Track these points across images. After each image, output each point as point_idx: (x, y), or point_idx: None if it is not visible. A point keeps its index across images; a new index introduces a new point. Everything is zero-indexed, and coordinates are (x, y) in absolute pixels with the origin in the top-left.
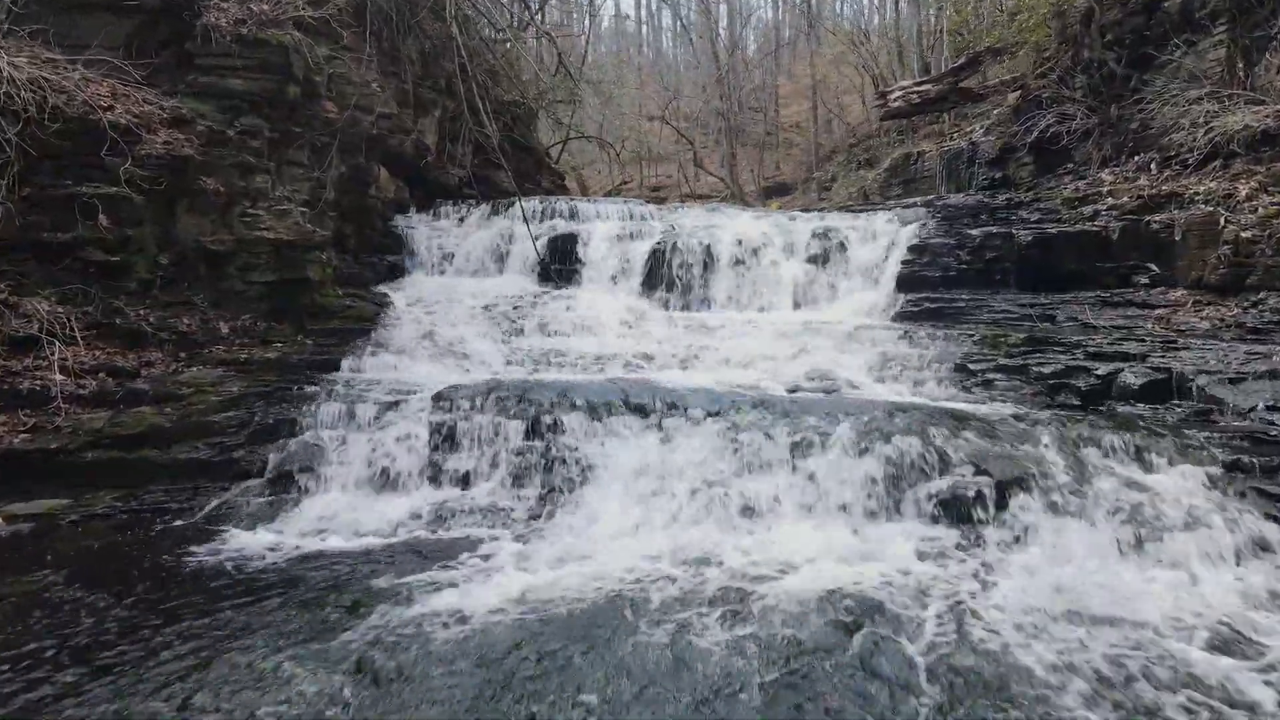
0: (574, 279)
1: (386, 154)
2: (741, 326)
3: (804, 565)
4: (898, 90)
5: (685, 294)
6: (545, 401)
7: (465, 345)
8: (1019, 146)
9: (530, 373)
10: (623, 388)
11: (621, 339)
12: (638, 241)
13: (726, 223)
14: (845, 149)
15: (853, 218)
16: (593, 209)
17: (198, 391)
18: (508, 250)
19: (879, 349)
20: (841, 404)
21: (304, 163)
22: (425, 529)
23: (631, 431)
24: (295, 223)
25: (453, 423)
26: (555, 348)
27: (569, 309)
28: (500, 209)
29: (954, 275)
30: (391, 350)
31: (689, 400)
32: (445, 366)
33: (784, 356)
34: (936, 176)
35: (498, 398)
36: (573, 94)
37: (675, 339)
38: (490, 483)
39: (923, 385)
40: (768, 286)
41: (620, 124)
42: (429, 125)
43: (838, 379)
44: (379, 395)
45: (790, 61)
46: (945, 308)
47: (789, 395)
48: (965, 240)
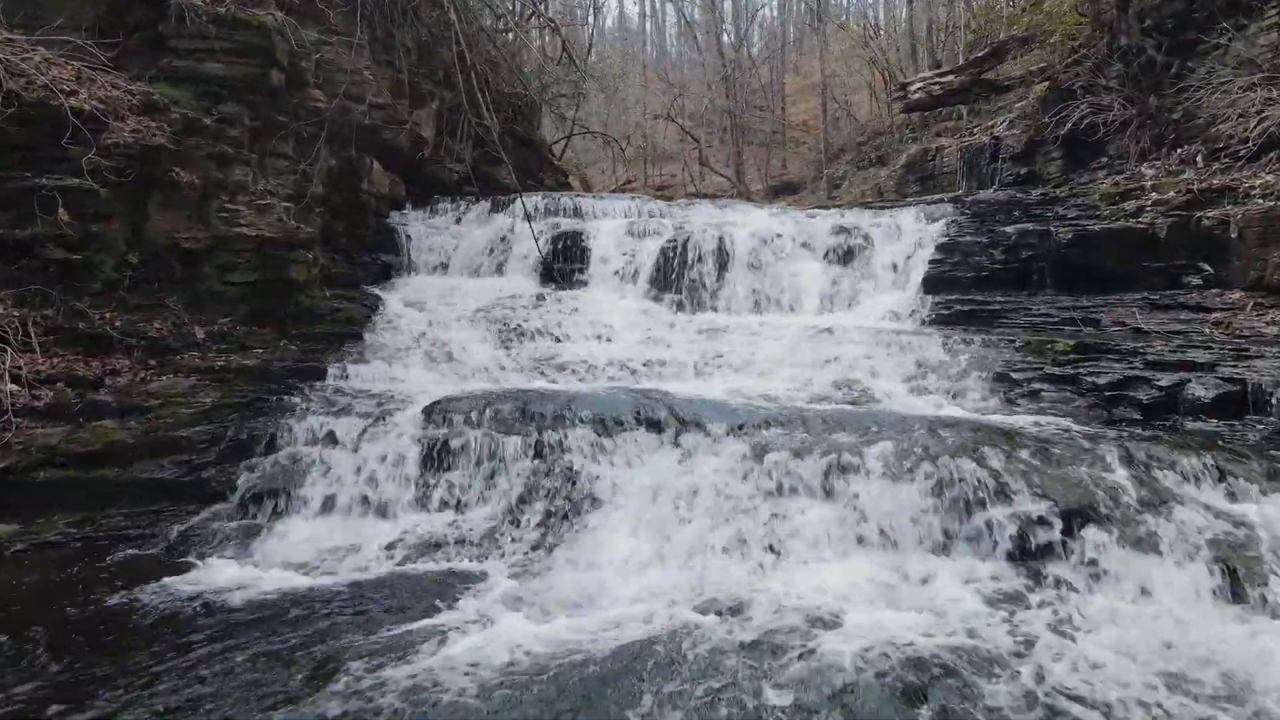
0: (579, 280)
1: (380, 147)
2: (759, 330)
3: (848, 613)
4: (918, 82)
5: (698, 295)
6: (547, 415)
7: (462, 351)
8: (1046, 140)
9: (531, 381)
10: (633, 399)
11: (630, 344)
12: (647, 240)
13: (741, 220)
14: (854, 147)
15: (875, 215)
16: (599, 205)
17: (166, 403)
18: (508, 249)
19: (911, 355)
20: (877, 418)
21: (289, 155)
22: (412, 561)
23: (643, 450)
24: (278, 219)
25: (445, 440)
26: (558, 354)
27: (574, 311)
28: (500, 205)
29: (986, 276)
30: (382, 356)
31: (707, 414)
32: (439, 374)
33: (807, 363)
34: (956, 173)
35: (495, 411)
36: (577, 87)
37: (688, 344)
38: (486, 508)
39: (962, 396)
40: (786, 288)
41: (625, 119)
42: (426, 118)
43: (868, 389)
44: (365, 407)
45: (796, 59)
46: (978, 310)
47: (817, 408)
48: (999, 238)
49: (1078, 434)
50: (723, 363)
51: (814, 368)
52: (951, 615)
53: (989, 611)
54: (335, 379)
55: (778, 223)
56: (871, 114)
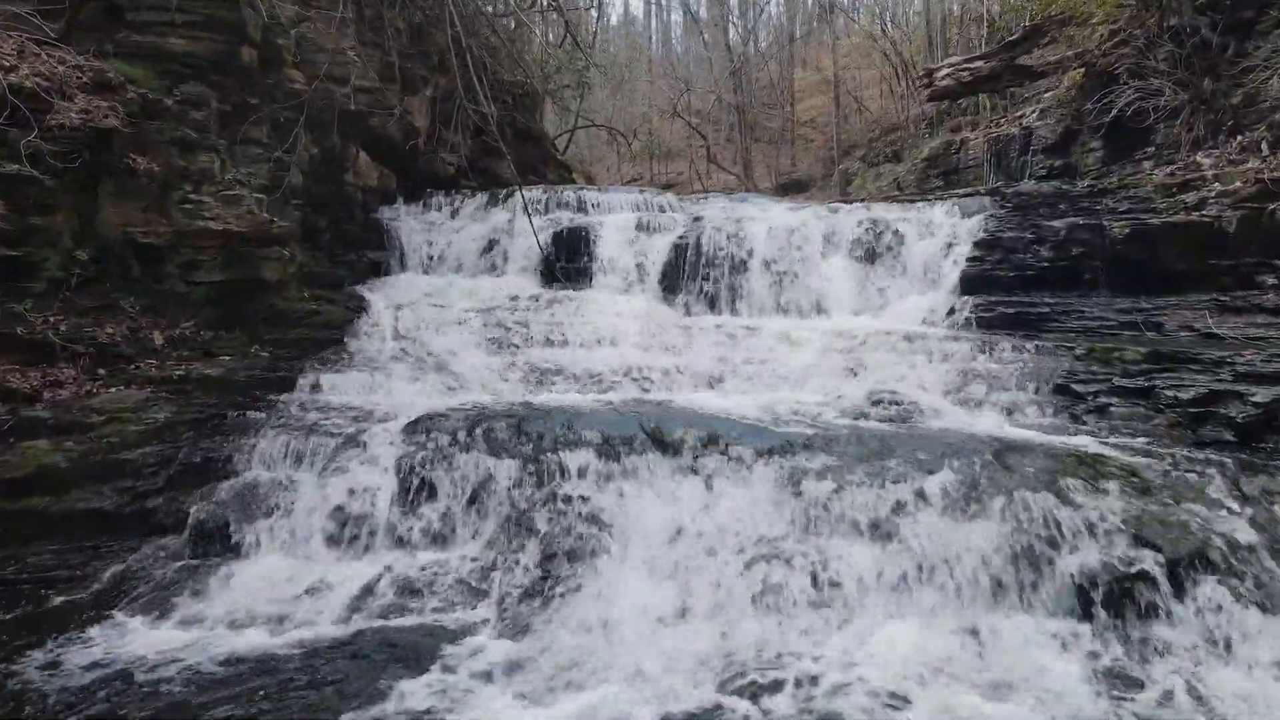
0: (583, 279)
1: (367, 136)
2: (781, 335)
3: (916, 691)
4: (945, 68)
5: (713, 297)
6: (546, 435)
7: (452, 358)
8: (1084, 130)
9: (529, 393)
10: (645, 415)
11: (639, 351)
12: (656, 236)
13: (758, 214)
14: (865, 144)
15: (903, 209)
16: (604, 199)
17: (112, 419)
18: (507, 246)
19: (955, 364)
20: (929, 439)
21: (263, 141)
22: (386, 612)
23: (658, 476)
24: (248, 211)
25: (428, 463)
26: (560, 362)
27: (577, 314)
28: (498, 199)
29: (1032, 275)
30: (362, 365)
31: (730, 433)
32: (426, 385)
33: (838, 372)
34: (982, 167)
35: (486, 430)
36: (581, 76)
37: (703, 350)
38: (474, 544)
39: (1019, 412)
40: (809, 288)
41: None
42: (419, 106)
43: (910, 403)
44: (339, 424)
45: (804, 53)
46: (1024, 313)
47: (855, 425)
48: (1045, 234)
49: (1167, 460)
50: (743, 372)
51: (845, 377)
52: (1048, 700)
53: (1092, 693)
54: (308, 391)
55: (798, 217)
56: (882, 109)
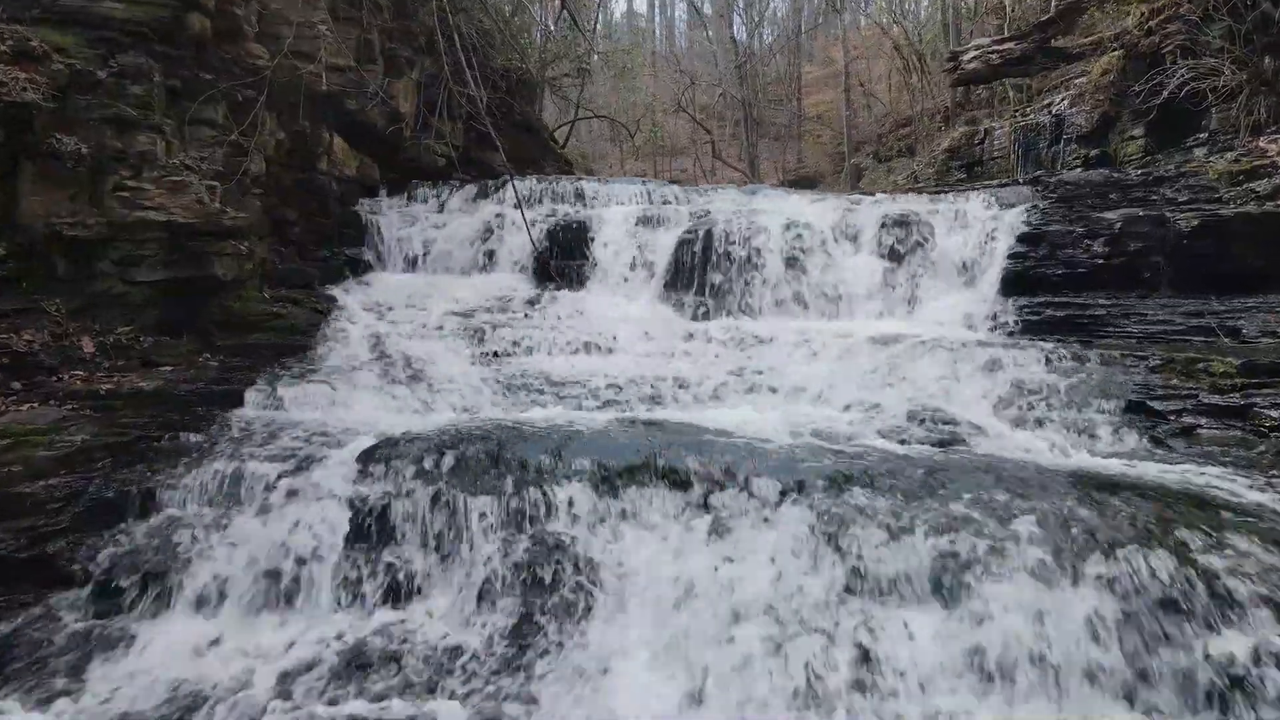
0: (580, 278)
1: (344, 121)
2: (802, 340)
3: None
4: (973, 50)
5: (723, 297)
6: (531, 463)
7: (430, 367)
8: (1122, 116)
9: (515, 409)
10: (647, 437)
11: (642, 358)
12: (661, 230)
13: (773, 207)
14: (875, 138)
15: (932, 201)
16: (605, 191)
17: (17, 443)
18: (497, 241)
19: (1003, 375)
20: (992, 470)
21: (217, 122)
22: (326, 693)
23: (664, 517)
24: (197, 200)
25: (387, 499)
26: (552, 371)
27: (573, 317)
28: (489, 191)
29: (1083, 273)
30: (325, 375)
31: (749, 461)
32: (397, 400)
33: (869, 383)
34: (1010, 158)
35: (459, 457)
36: (581, 63)
37: (715, 358)
38: (440, 600)
39: (1088, 434)
40: (831, 287)
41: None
42: (404, 90)
43: (956, 421)
44: (288, 448)
45: (810, 48)
46: (1077, 316)
47: (897, 450)
48: (1098, 227)
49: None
50: (760, 383)
51: (879, 390)
52: None
53: None
54: (258, 406)
55: (817, 210)
56: (894, 103)
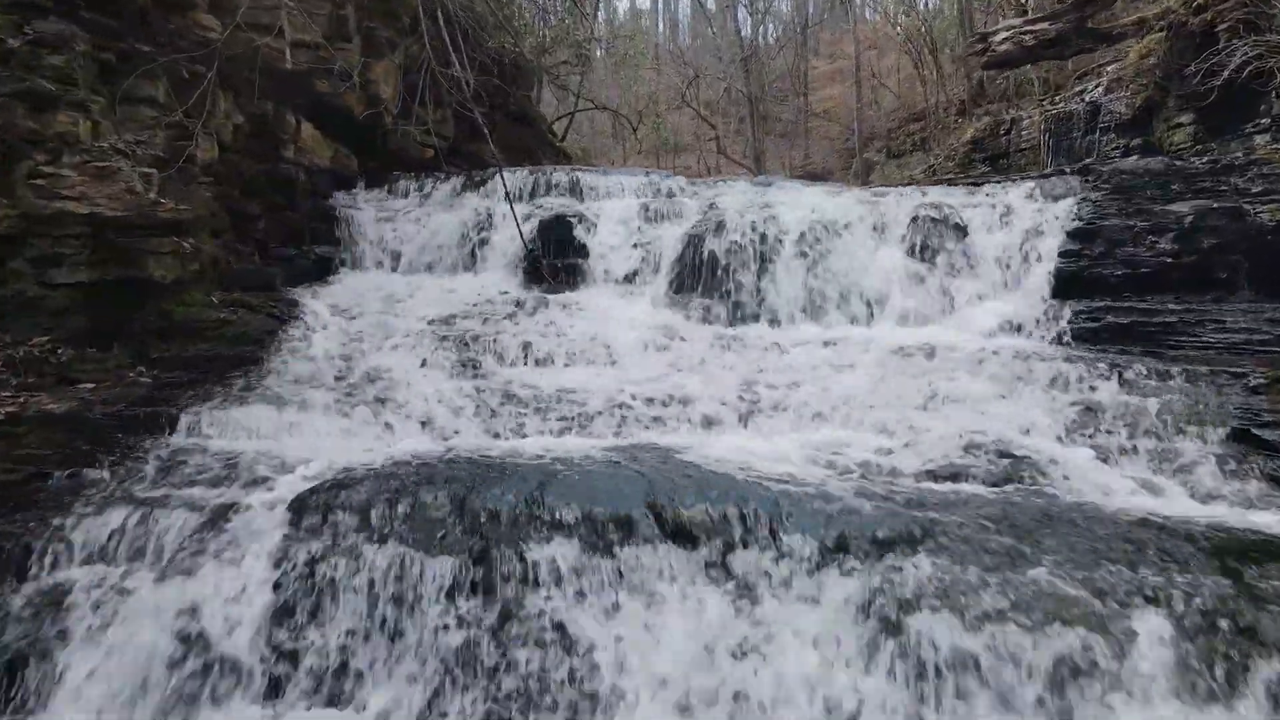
0: (576, 278)
1: (315, 105)
2: (826, 350)
3: None
4: (1004, 32)
5: (735, 301)
6: (504, 511)
7: (399, 384)
8: (1168, 102)
9: (493, 432)
10: (646, 473)
11: (643, 370)
12: (665, 225)
13: (790, 200)
14: (885, 133)
15: (967, 193)
16: (603, 182)
17: None
18: (484, 238)
19: (1070, 395)
20: (1086, 525)
21: (158, 100)
22: None
23: (671, 583)
24: (128, 189)
25: (323, 561)
26: (539, 387)
27: (565, 324)
28: (476, 183)
29: (1148, 274)
30: (275, 394)
31: (776, 508)
32: (355, 423)
33: (907, 402)
34: (1039, 148)
35: (413, 504)
36: (581, 49)
37: (726, 370)
38: (382, 695)
39: (1186, 471)
40: (854, 290)
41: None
42: (384, 72)
43: (1023, 452)
44: (214, 485)
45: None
46: (1143, 324)
47: (953, 491)
48: (1164, 221)
49: None
50: (780, 401)
51: (921, 411)
52: None
53: None
54: (190, 432)
55: (839, 204)
56: (905, 97)
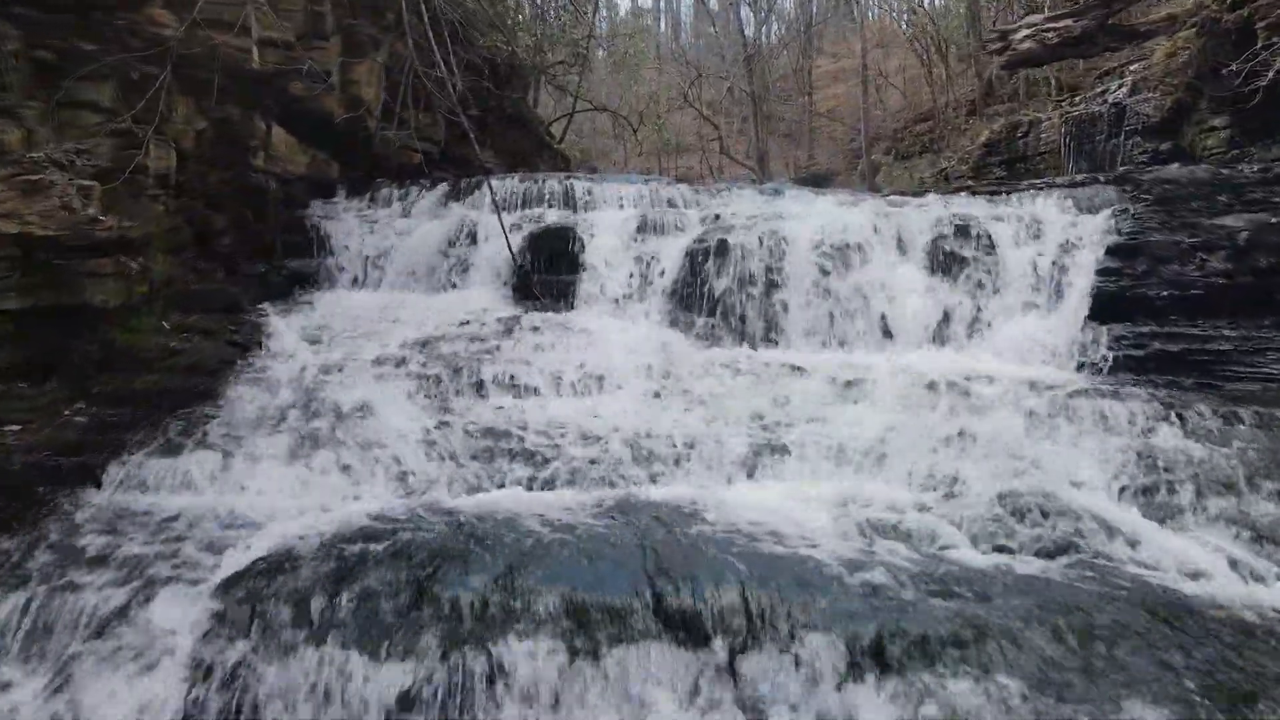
0: (568, 296)
1: (289, 108)
2: (840, 379)
3: None
4: (1024, 29)
5: (741, 321)
6: (472, 601)
7: (369, 422)
8: (1200, 104)
9: (468, 483)
10: (643, 544)
11: (640, 402)
12: (665, 239)
13: (799, 210)
14: (891, 134)
15: (993, 203)
16: (598, 191)
17: None
18: (470, 251)
19: (1123, 439)
20: (1183, 631)
21: (103, 105)
22: None
23: (670, 692)
24: (63, 205)
25: (248, 668)
26: (526, 422)
27: (557, 347)
28: (461, 191)
29: (1198, 295)
30: (223, 437)
31: (794, 591)
32: (312, 472)
33: (935, 443)
34: (1060, 153)
35: (365, 593)
36: (578, 47)
37: (730, 402)
38: None
39: (1272, 540)
40: (872, 310)
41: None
42: (367, 74)
43: (1073, 511)
44: (135, 559)
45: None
46: (1195, 351)
47: (1003, 566)
48: (1214, 238)
49: None
50: (793, 441)
51: (952, 456)
52: None
53: None
54: (121, 485)
55: (854, 215)
56: (913, 97)
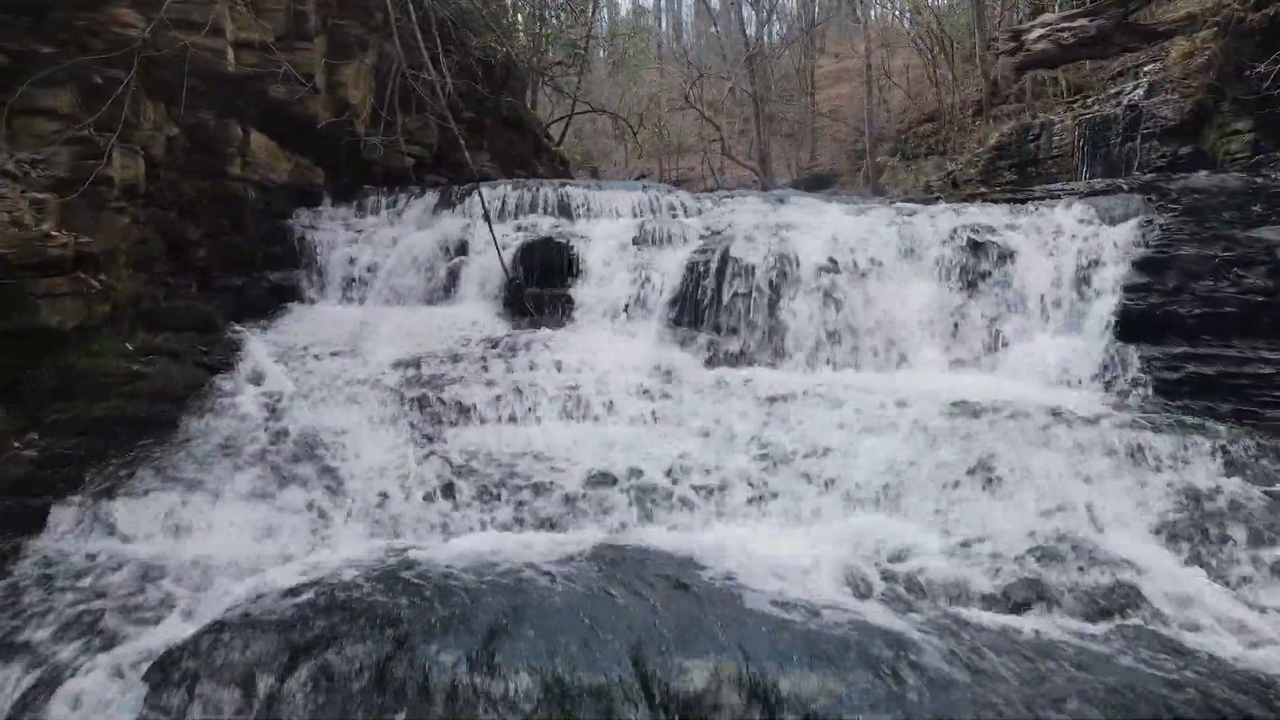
0: (563, 310)
1: (270, 112)
2: (851, 403)
3: None
4: (1039, 28)
5: (745, 337)
6: (440, 682)
7: (345, 453)
8: (1222, 107)
9: (450, 530)
10: (634, 606)
11: (637, 427)
12: (665, 250)
13: (806, 220)
14: (894, 135)
15: (1009, 212)
16: (596, 199)
17: None
18: (460, 263)
19: (1159, 477)
20: None
21: (62, 112)
22: None
23: None
24: (12, 220)
25: None
26: (516, 451)
27: (549, 367)
28: (452, 199)
29: (1232, 314)
30: (183, 473)
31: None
32: (276, 512)
33: (961, 482)
34: (1073, 156)
35: (321, 670)
36: (576, 47)
37: (734, 428)
38: None
39: None
40: (883, 326)
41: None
42: (355, 76)
43: (1114, 560)
44: (70, 623)
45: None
46: (1233, 375)
47: (1045, 636)
48: (1250, 251)
49: None
50: (803, 474)
51: (976, 494)
52: None
53: None
54: (69, 530)
55: (864, 225)
56: (917, 96)
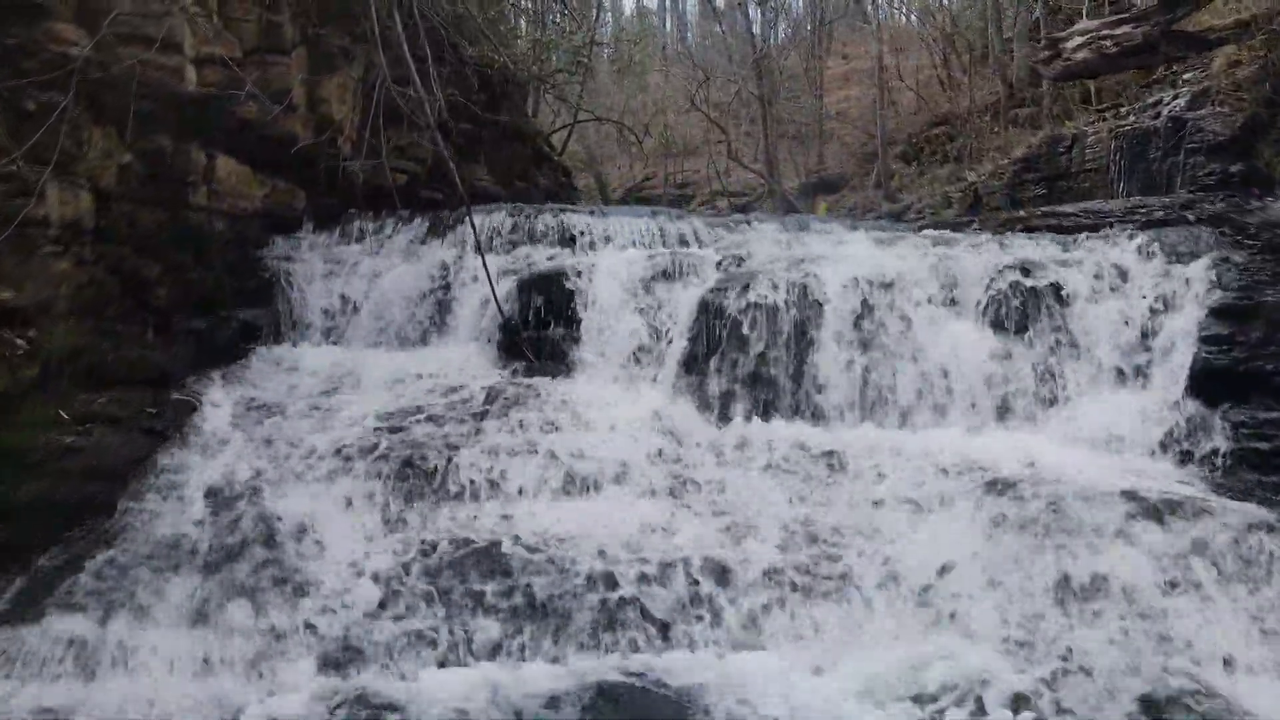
0: (563, 355)
1: (240, 134)
2: (897, 475)
3: None
4: (1078, 37)
5: (766, 388)
6: None
7: (308, 548)
8: (1275, 121)
9: (423, 656)
10: None
11: (645, 504)
12: (677, 287)
13: (832, 252)
14: (904, 139)
15: (1059, 246)
16: (600, 227)
17: None
18: (450, 300)
19: (1261, 594)
20: None
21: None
22: None
23: None
24: None
25: None
26: (505, 539)
27: (547, 428)
28: (443, 227)
29: None
30: (109, 580)
31: None
32: (221, 639)
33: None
34: (1108, 172)
35: None
36: (578, 55)
37: (761, 504)
38: None
39: None
40: (922, 377)
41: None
42: (338, 91)
43: None
44: None
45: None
46: None
47: None
48: None
49: None
50: (838, 574)
51: (1053, 608)
52: None
53: None
54: None
55: (895, 258)
56: (926, 100)
